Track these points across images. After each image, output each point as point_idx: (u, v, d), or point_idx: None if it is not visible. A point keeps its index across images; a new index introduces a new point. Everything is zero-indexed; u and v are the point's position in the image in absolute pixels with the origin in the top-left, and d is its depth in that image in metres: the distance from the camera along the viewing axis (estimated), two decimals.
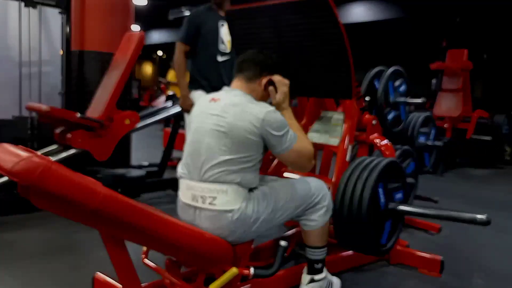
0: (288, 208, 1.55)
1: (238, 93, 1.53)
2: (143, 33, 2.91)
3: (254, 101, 1.50)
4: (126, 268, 1.31)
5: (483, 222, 1.54)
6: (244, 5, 1.87)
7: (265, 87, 1.57)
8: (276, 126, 1.43)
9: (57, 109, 2.78)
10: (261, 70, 1.56)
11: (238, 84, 1.57)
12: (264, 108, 1.45)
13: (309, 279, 1.66)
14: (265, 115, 1.42)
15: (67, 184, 1.02)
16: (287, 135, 1.45)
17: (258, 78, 1.56)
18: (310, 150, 1.54)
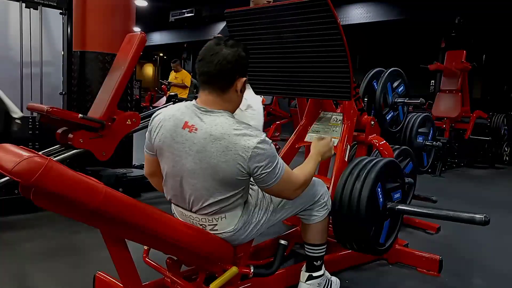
0: (292, 207, 1.56)
1: (218, 118, 1.28)
2: (144, 34, 2.92)
3: (238, 125, 1.27)
4: (127, 267, 1.32)
5: (481, 222, 1.55)
6: (244, 7, 1.88)
7: (241, 90, 1.36)
8: (266, 163, 1.26)
9: (59, 109, 2.79)
10: (235, 74, 1.31)
11: (212, 100, 1.31)
12: (251, 140, 1.23)
13: (308, 276, 1.68)
14: (253, 152, 1.23)
15: (68, 183, 1.03)
16: (276, 168, 1.29)
17: (233, 84, 1.31)
18: (300, 180, 1.41)
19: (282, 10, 1.74)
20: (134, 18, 3.68)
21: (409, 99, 2.45)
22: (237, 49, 1.30)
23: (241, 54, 1.31)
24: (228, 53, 1.28)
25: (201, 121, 1.28)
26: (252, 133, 1.25)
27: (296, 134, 2.09)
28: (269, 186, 1.32)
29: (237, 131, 1.25)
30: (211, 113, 1.29)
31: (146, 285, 1.57)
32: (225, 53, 1.28)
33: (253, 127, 1.30)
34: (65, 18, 3.35)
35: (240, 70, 1.32)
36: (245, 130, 1.26)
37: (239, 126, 1.27)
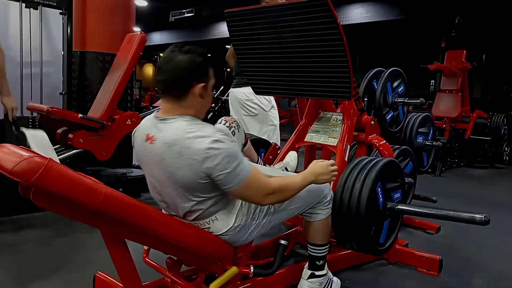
0: (294, 208, 1.56)
1: (172, 124, 1.25)
2: (144, 34, 2.92)
3: (191, 127, 1.23)
4: (127, 267, 1.32)
5: (482, 222, 1.54)
6: (244, 7, 1.88)
7: (202, 96, 1.30)
8: (223, 163, 1.20)
9: (59, 109, 2.79)
10: (191, 80, 1.27)
11: (169, 108, 1.29)
12: (203, 141, 1.19)
13: (310, 273, 1.69)
14: (206, 154, 1.18)
15: (68, 183, 1.03)
16: (236, 169, 1.22)
17: (189, 90, 1.27)
18: (272, 187, 1.32)
19: (282, 10, 1.74)
20: (134, 18, 3.68)
21: (409, 99, 2.45)
22: (191, 55, 1.27)
23: (196, 60, 1.27)
24: (182, 60, 1.25)
25: (158, 130, 1.28)
26: (204, 134, 1.21)
27: (296, 134, 2.09)
28: (230, 189, 1.25)
29: (189, 134, 1.21)
30: (166, 120, 1.28)
31: (146, 285, 1.57)
32: (178, 60, 1.25)
33: (209, 126, 1.26)
34: (65, 18, 3.35)
35: (196, 76, 1.28)
36: (198, 132, 1.21)
37: (192, 128, 1.23)
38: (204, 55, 1.30)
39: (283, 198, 1.40)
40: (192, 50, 1.28)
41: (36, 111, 2.91)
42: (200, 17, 11.99)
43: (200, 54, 1.29)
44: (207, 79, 1.32)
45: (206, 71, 1.31)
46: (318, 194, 1.62)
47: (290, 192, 1.39)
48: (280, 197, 1.38)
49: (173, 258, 1.49)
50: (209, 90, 1.34)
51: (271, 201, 1.36)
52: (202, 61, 1.29)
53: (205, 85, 1.30)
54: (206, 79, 1.31)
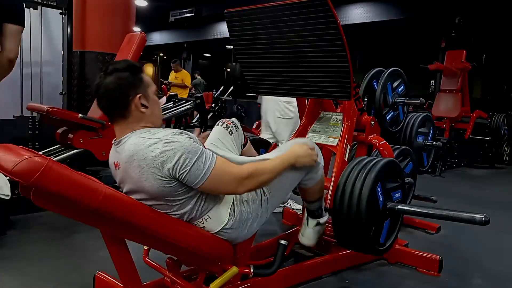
0: (289, 184, 1.56)
1: (126, 144, 1.25)
2: (144, 34, 2.92)
3: (142, 138, 1.22)
4: (127, 267, 1.32)
5: (482, 222, 1.54)
6: (244, 7, 1.88)
7: (145, 105, 1.29)
8: (181, 161, 1.18)
9: (59, 109, 2.79)
10: (126, 97, 1.26)
11: (120, 130, 1.30)
12: (156, 146, 1.18)
13: (316, 222, 1.76)
14: (161, 157, 1.17)
15: (68, 183, 1.03)
16: (198, 163, 1.20)
17: (129, 107, 1.27)
18: (244, 173, 1.28)
19: (282, 10, 1.74)
20: (134, 18, 3.68)
21: (409, 99, 2.45)
22: (116, 73, 1.26)
23: (122, 76, 1.26)
24: (109, 82, 1.26)
25: (119, 154, 1.28)
26: (156, 139, 1.20)
27: (296, 134, 2.09)
28: (198, 185, 1.22)
29: (142, 145, 1.21)
30: (121, 142, 1.28)
31: (146, 285, 1.57)
32: (106, 83, 1.26)
33: (161, 131, 1.24)
34: (65, 18, 3.35)
35: (129, 90, 1.27)
36: (149, 140, 1.21)
37: (143, 139, 1.22)
38: (131, 68, 1.30)
39: (260, 183, 1.35)
40: (116, 68, 1.28)
41: (36, 111, 2.91)
42: (200, 17, 11.99)
43: (126, 68, 1.28)
44: (142, 88, 1.30)
45: (137, 81, 1.29)
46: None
47: (267, 175, 1.35)
48: (256, 182, 1.33)
49: (173, 258, 1.49)
50: (150, 97, 1.32)
51: (247, 187, 1.31)
52: (128, 74, 1.27)
53: (142, 95, 1.28)
54: (140, 89, 1.29)
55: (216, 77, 17.20)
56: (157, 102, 1.35)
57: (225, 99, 9.06)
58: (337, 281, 2.00)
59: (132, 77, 1.28)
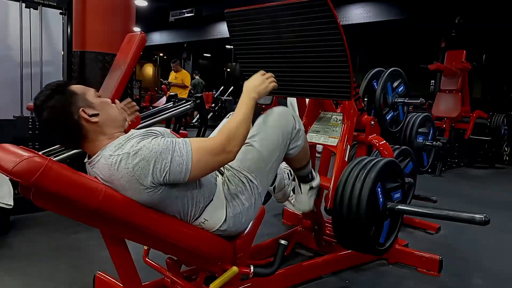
0: (276, 161, 1.50)
1: (99, 165, 1.19)
2: (144, 34, 2.92)
3: (111, 158, 1.15)
4: (127, 267, 1.32)
5: (482, 222, 1.54)
6: (244, 7, 1.88)
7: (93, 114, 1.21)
8: (159, 166, 1.13)
9: None
10: (68, 120, 1.18)
11: (89, 150, 1.27)
12: (127, 161, 1.12)
13: (309, 187, 1.76)
14: (136, 170, 1.12)
15: (68, 183, 1.03)
16: (173, 159, 1.14)
17: (78, 125, 1.20)
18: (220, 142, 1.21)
19: (282, 10, 1.74)
20: (134, 18, 3.68)
21: (409, 99, 2.45)
22: (45, 105, 1.16)
23: (53, 104, 1.16)
24: (47, 118, 1.16)
25: (95, 172, 1.21)
26: (123, 154, 1.13)
27: None
28: (186, 178, 1.16)
29: (115, 165, 1.14)
30: (92, 162, 1.22)
31: (146, 285, 1.57)
32: (45, 116, 1.16)
33: (124, 143, 1.16)
34: (65, 18, 3.35)
35: (68, 112, 1.18)
36: (117, 157, 1.14)
37: (112, 157, 1.15)
38: (55, 90, 1.18)
39: (242, 137, 1.27)
40: (43, 100, 1.17)
41: None
42: (200, 17, 12.00)
43: (51, 94, 1.17)
44: (79, 100, 1.21)
45: (70, 97, 1.19)
46: (286, 132, 1.53)
47: (242, 126, 1.27)
48: (238, 140, 1.25)
49: (173, 258, 1.49)
50: (93, 102, 1.24)
51: (234, 150, 1.23)
52: (57, 97, 1.17)
53: (83, 106, 1.20)
54: (78, 102, 1.20)
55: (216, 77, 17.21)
56: (106, 102, 1.27)
57: (225, 99, 9.06)
58: (337, 281, 2.00)
59: (62, 97, 1.18)
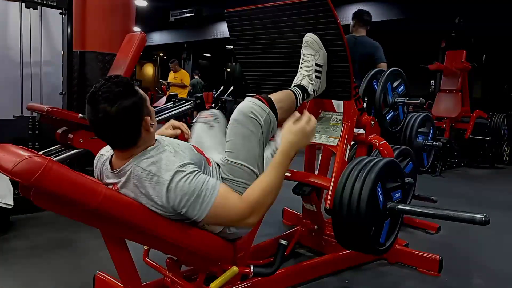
0: (259, 148, 1.41)
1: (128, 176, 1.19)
2: (144, 34, 2.92)
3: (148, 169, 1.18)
4: (127, 267, 1.32)
5: (482, 222, 1.54)
6: (244, 7, 1.89)
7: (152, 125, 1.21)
8: (180, 201, 1.17)
9: (59, 109, 2.80)
10: (138, 125, 1.18)
11: (121, 156, 1.23)
12: (159, 189, 1.16)
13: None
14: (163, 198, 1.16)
15: (68, 184, 1.03)
16: (196, 202, 1.18)
17: (141, 132, 1.20)
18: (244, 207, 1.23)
19: (282, 10, 1.75)
20: (134, 18, 3.68)
21: (409, 99, 2.45)
22: (121, 100, 1.13)
23: (128, 105, 1.14)
24: (115, 111, 1.13)
25: (117, 178, 1.22)
26: (160, 176, 1.16)
27: None
28: (196, 221, 1.21)
29: (147, 182, 1.17)
30: (121, 171, 1.21)
31: (146, 285, 1.57)
32: (111, 112, 1.12)
33: (162, 160, 1.19)
34: (65, 18, 3.35)
35: (138, 118, 1.18)
36: (155, 177, 1.17)
37: (147, 174, 1.17)
38: (130, 89, 1.17)
39: (267, 207, 1.28)
40: (117, 98, 1.13)
41: (36, 111, 2.91)
42: (200, 17, 12.00)
43: (127, 93, 1.15)
44: (146, 107, 1.21)
45: (141, 102, 1.19)
46: (259, 134, 1.41)
47: (272, 193, 1.27)
48: (262, 210, 1.27)
49: (173, 258, 1.49)
50: (151, 111, 1.24)
51: (253, 220, 1.25)
52: (134, 100, 1.16)
53: (148, 114, 1.21)
54: (145, 109, 1.21)
55: (216, 77, 17.20)
56: (154, 112, 1.29)
57: (225, 99, 9.06)
58: (337, 281, 2.00)
59: (136, 100, 1.17)
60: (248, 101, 1.43)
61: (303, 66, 1.73)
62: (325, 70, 1.75)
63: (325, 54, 1.71)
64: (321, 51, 1.70)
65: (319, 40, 1.68)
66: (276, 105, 1.48)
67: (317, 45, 1.69)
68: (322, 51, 1.70)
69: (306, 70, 1.72)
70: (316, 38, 1.68)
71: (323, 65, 1.73)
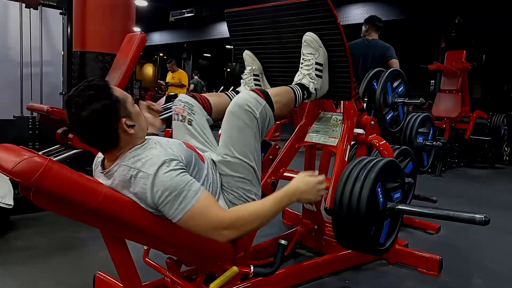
0: (253, 152, 1.42)
1: (116, 175, 1.19)
2: (144, 34, 2.92)
3: (133, 165, 1.17)
4: (127, 267, 1.32)
5: (482, 222, 1.54)
6: (244, 7, 1.88)
7: (131, 125, 1.19)
8: (160, 196, 1.14)
9: (59, 109, 2.79)
10: (112, 128, 1.17)
11: (109, 158, 1.24)
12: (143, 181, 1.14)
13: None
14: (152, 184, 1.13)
15: (68, 183, 1.03)
16: (176, 199, 1.14)
17: (118, 133, 1.18)
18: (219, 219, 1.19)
19: (282, 10, 1.74)
20: (134, 18, 3.68)
21: (409, 99, 2.45)
22: (92, 103, 1.12)
23: (97, 108, 1.12)
24: (87, 115, 1.12)
25: (108, 180, 1.21)
26: (143, 171, 1.15)
27: (296, 134, 2.09)
28: (173, 220, 1.17)
29: (133, 178, 1.16)
30: (109, 172, 1.21)
31: (146, 285, 1.57)
32: (83, 115, 1.12)
33: (146, 155, 1.18)
34: (65, 18, 3.35)
35: (111, 120, 1.16)
36: (137, 171, 1.16)
37: (129, 169, 1.16)
38: (102, 92, 1.15)
39: (248, 230, 1.25)
40: (87, 99, 1.12)
41: (36, 111, 2.91)
42: (200, 17, 12.01)
43: (98, 95, 1.13)
44: (122, 108, 1.18)
45: (115, 104, 1.16)
46: (254, 127, 1.41)
47: (254, 224, 1.24)
48: (242, 230, 1.23)
49: (173, 258, 1.49)
50: (132, 112, 1.22)
51: (230, 235, 1.21)
52: (104, 102, 1.14)
53: (124, 116, 1.18)
54: (121, 111, 1.18)
55: (216, 77, 17.20)
56: (139, 113, 1.27)
57: None
58: (337, 281, 2.00)
59: (107, 102, 1.14)
60: (244, 93, 1.44)
61: (303, 65, 1.73)
62: (327, 69, 1.74)
63: (325, 52, 1.71)
64: (321, 49, 1.69)
65: (318, 38, 1.68)
66: (273, 99, 1.48)
67: (317, 44, 1.68)
68: (321, 49, 1.69)
69: (307, 69, 1.72)
70: (315, 37, 1.68)
71: (324, 63, 1.72)
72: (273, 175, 1.90)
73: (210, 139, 1.60)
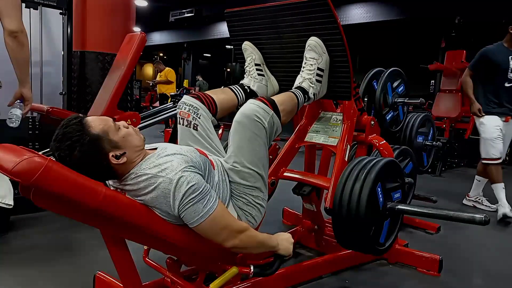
0: (264, 149, 1.46)
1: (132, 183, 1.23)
2: (144, 34, 2.92)
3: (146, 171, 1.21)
4: (127, 267, 1.32)
5: (482, 222, 1.54)
6: (244, 7, 1.89)
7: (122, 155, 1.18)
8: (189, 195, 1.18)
9: (59, 109, 2.80)
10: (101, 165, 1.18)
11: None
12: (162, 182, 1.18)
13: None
14: (175, 189, 1.16)
15: (68, 184, 1.03)
16: (199, 203, 1.19)
17: (110, 166, 1.19)
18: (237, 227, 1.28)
19: (282, 10, 1.75)
20: (134, 18, 3.68)
21: (409, 99, 2.45)
22: (72, 153, 1.13)
23: (79, 154, 1.13)
24: (75, 161, 1.13)
25: (123, 186, 1.25)
26: (164, 175, 1.18)
27: (296, 134, 2.09)
28: (192, 225, 1.22)
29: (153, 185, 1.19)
30: (124, 179, 1.24)
31: (146, 285, 1.57)
32: (73, 161, 1.13)
33: (169, 163, 1.20)
34: (65, 18, 3.34)
35: (96, 161, 1.16)
36: (156, 178, 1.19)
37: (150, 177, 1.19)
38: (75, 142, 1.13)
39: (246, 244, 1.32)
40: (69, 154, 1.13)
41: (36, 111, 2.91)
42: (200, 17, 12.00)
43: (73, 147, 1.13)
44: (105, 143, 1.17)
45: (95, 147, 1.15)
46: (263, 136, 1.45)
47: (254, 242, 1.34)
48: (246, 241, 1.31)
49: (173, 258, 1.49)
50: (118, 141, 1.19)
51: (236, 243, 1.28)
52: (83, 150, 1.13)
53: (110, 150, 1.18)
54: (105, 146, 1.17)
55: (216, 77, 17.19)
56: (127, 134, 1.22)
57: None
58: (337, 281, 2.00)
59: (86, 148, 1.13)
60: (251, 103, 1.45)
61: (305, 69, 1.73)
62: (327, 74, 1.75)
63: (328, 58, 1.71)
64: (324, 55, 1.70)
65: (323, 44, 1.68)
66: (279, 107, 1.51)
67: (321, 49, 1.69)
68: (325, 55, 1.70)
69: (308, 73, 1.72)
70: (320, 42, 1.68)
71: (325, 69, 1.73)
72: (273, 175, 1.90)
73: (216, 143, 1.59)
